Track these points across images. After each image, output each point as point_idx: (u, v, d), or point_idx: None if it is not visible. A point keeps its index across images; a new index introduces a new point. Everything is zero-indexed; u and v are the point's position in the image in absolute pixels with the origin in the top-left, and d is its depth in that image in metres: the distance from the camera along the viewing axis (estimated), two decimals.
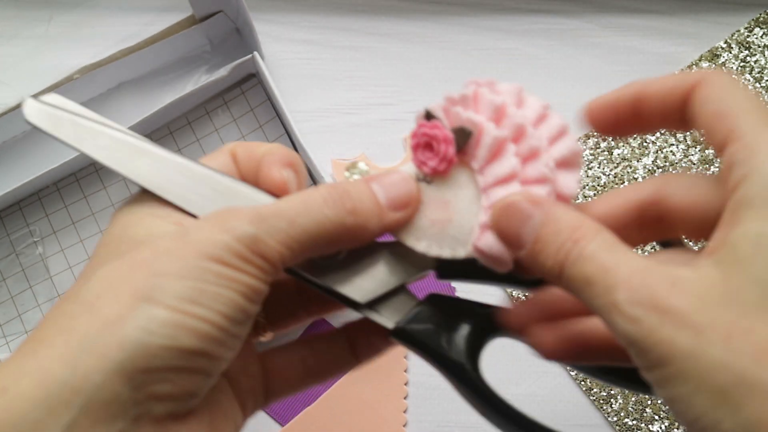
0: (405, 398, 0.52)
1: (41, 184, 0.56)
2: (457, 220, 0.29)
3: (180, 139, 0.57)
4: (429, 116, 0.29)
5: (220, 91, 0.58)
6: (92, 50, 0.57)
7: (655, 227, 0.29)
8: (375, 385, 0.52)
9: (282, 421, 0.52)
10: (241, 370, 0.30)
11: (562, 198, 0.29)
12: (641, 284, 0.22)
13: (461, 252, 0.29)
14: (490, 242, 0.28)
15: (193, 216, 0.29)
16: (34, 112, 0.29)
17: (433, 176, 0.30)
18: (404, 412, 0.52)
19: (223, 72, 0.55)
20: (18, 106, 0.54)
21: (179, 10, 0.57)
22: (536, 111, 0.29)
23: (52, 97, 0.29)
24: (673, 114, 0.28)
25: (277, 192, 0.30)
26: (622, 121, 0.30)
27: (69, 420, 0.22)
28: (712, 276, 0.22)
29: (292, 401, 0.52)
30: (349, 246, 0.29)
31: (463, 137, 0.28)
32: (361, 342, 0.34)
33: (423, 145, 0.29)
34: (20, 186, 0.54)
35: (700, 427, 0.21)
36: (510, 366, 0.51)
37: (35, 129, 0.29)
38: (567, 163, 0.29)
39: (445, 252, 0.29)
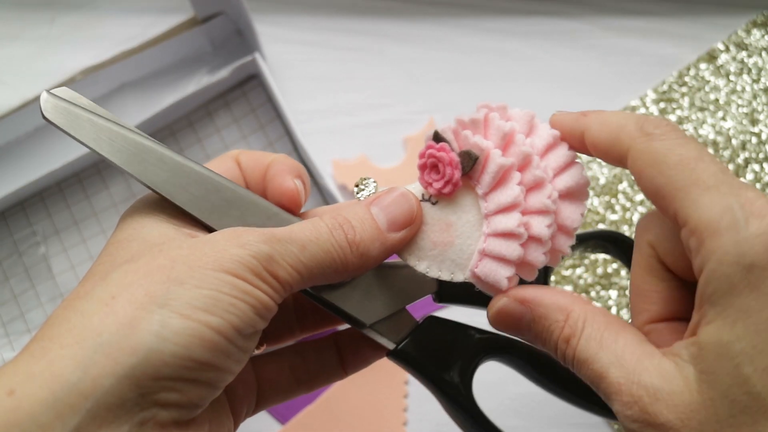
0: (405, 398, 0.52)
1: (44, 185, 0.56)
2: (458, 244, 0.29)
3: (182, 139, 0.58)
4: (438, 138, 0.29)
5: (222, 92, 0.58)
6: (94, 51, 0.57)
7: None
8: (375, 384, 0.52)
9: (282, 420, 0.52)
10: (237, 379, 0.30)
11: (564, 230, 0.29)
12: (631, 398, 0.25)
13: (460, 276, 0.30)
14: (486, 270, 0.29)
15: (204, 224, 0.29)
16: (50, 107, 0.28)
17: (439, 197, 0.30)
18: (404, 411, 0.52)
19: (224, 73, 0.56)
20: (20, 107, 0.54)
21: (181, 11, 0.58)
22: (545, 140, 0.29)
23: (65, 91, 0.29)
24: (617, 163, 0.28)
25: (287, 201, 0.31)
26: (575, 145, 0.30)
27: (76, 423, 0.22)
28: (691, 388, 0.24)
29: (293, 400, 0.52)
30: (355, 275, 0.29)
31: (470, 161, 0.28)
32: (350, 353, 0.34)
33: (430, 166, 0.29)
34: (23, 186, 0.54)
35: None
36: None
37: (51, 125, 0.28)
38: (572, 194, 0.29)
39: (444, 275, 0.30)
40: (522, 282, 0.29)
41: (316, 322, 0.35)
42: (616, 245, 0.36)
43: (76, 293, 0.26)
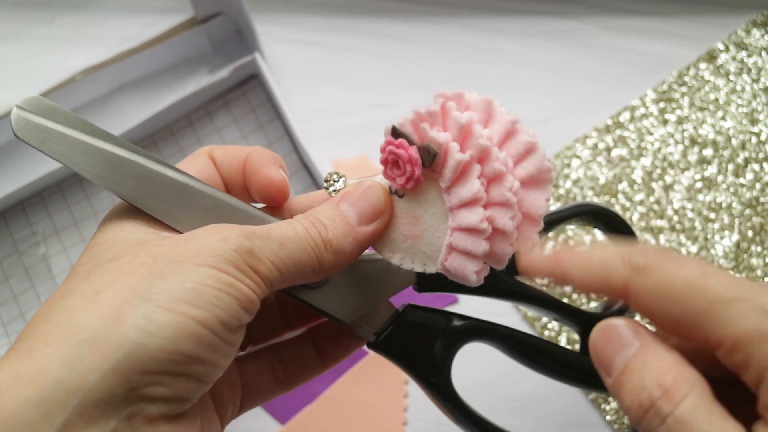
0: (405, 397, 0.52)
1: (44, 185, 0.56)
2: (426, 237, 0.29)
3: (182, 139, 0.58)
4: (396, 133, 0.29)
5: (222, 92, 0.58)
6: (94, 51, 0.57)
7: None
8: (375, 384, 0.52)
9: (282, 419, 0.52)
10: (222, 381, 0.30)
11: (530, 218, 0.29)
12: None
13: (432, 268, 0.30)
14: (455, 264, 0.29)
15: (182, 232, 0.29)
16: (22, 125, 0.27)
17: (404, 191, 0.30)
18: (404, 411, 0.52)
19: (224, 73, 0.56)
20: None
21: (181, 11, 0.58)
22: (504, 127, 0.29)
23: (39, 101, 0.28)
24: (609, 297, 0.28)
25: (275, 192, 0.31)
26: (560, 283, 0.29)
27: (63, 420, 0.22)
28: None
29: (292, 400, 0.52)
30: (331, 273, 0.29)
31: (429, 157, 0.28)
32: (329, 345, 0.34)
33: (391, 161, 0.29)
34: (23, 186, 0.54)
35: None
36: (508, 365, 0.51)
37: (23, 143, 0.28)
38: (534, 181, 0.29)
39: (417, 267, 0.30)
40: (493, 271, 0.29)
41: (300, 320, 0.35)
42: (606, 221, 0.36)
43: (60, 292, 0.26)
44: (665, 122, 0.58)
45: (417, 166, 0.28)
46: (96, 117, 0.58)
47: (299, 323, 0.35)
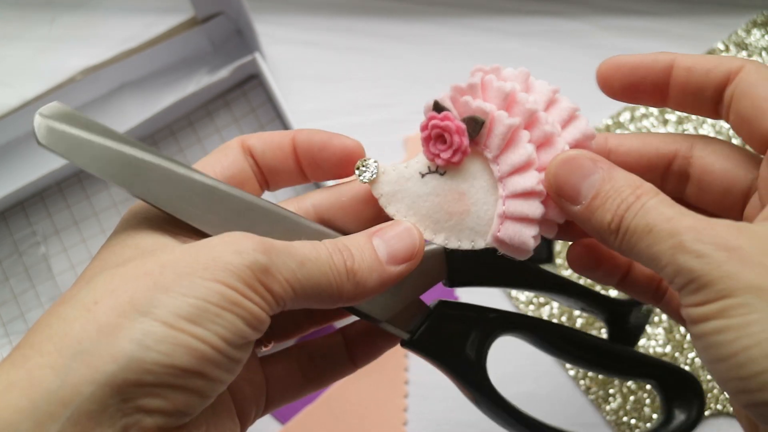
0: (405, 397, 0.52)
1: (44, 185, 0.56)
2: (474, 212, 0.29)
3: (182, 139, 0.58)
4: (438, 107, 0.29)
5: (222, 92, 0.58)
6: (94, 51, 0.57)
7: (676, 184, 0.29)
8: (375, 384, 0.52)
9: (282, 419, 0.52)
10: (245, 380, 0.30)
11: None
12: (707, 228, 0.24)
13: (481, 243, 0.29)
14: (510, 232, 0.28)
15: (207, 235, 0.28)
16: (45, 132, 0.26)
17: (447, 167, 0.29)
18: (404, 411, 0.52)
19: (224, 73, 0.56)
20: (20, 107, 0.54)
21: (181, 11, 0.58)
22: (546, 95, 0.29)
23: (58, 108, 0.27)
24: (705, 95, 0.28)
25: (357, 155, 0.30)
26: (643, 87, 0.30)
27: (56, 431, 0.22)
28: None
29: None
30: (348, 304, 0.28)
31: (476, 127, 0.28)
32: (360, 345, 0.34)
33: (435, 137, 0.29)
34: (23, 186, 0.54)
35: (756, 355, 0.22)
36: (510, 365, 0.51)
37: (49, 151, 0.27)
38: (580, 146, 0.29)
39: (465, 244, 0.29)
40: (520, 262, 0.29)
41: (325, 315, 0.34)
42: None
43: (62, 298, 0.25)
44: (665, 122, 0.58)
45: (464, 136, 0.28)
46: (96, 117, 0.57)
47: (325, 319, 0.34)
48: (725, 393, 0.24)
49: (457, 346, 0.31)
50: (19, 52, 0.61)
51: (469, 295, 0.53)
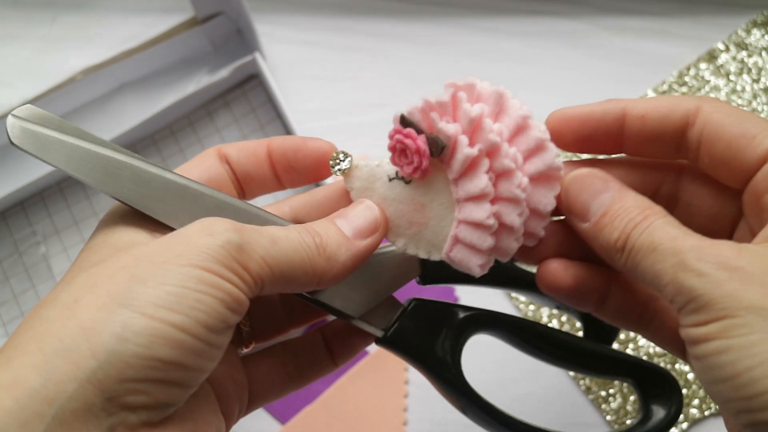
0: (405, 397, 0.52)
1: (44, 185, 0.56)
2: (432, 226, 0.29)
3: (182, 139, 0.58)
4: (405, 122, 0.29)
5: (222, 92, 0.58)
6: (94, 51, 0.57)
7: (664, 208, 0.30)
8: (375, 384, 0.52)
9: (282, 419, 0.52)
10: (227, 378, 0.30)
11: (537, 213, 0.29)
12: (709, 247, 0.24)
13: (437, 256, 0.30)
14: (460, 256, 0.29)
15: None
16: (18, 132, 0.27)
17: (411, 178, 0.30)
18: (404, 411, 0.52)
19: (224, 73, 0.56)
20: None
21: (181, 11, 0.58)
22: (515, 121, 0.29)
23: (30, 110, 0.28)
24: (664, 140, 0.28)
25: (325, 157, 0.31)
26: (596, 139, 0.30)
27: (43, 430, 0.22)
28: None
29: (293, 400, 0.52)
30: (324, 284, 0.28)
31: (437, 148, 0.28)
32: (338, 344, 0.34)
33: (399, 150, 0.29)
34: (23, 186, 0.54)
35: (759, 375, 0.22)
36: (509, 365, 0.51)
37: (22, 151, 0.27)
38: (543, 177, 0.29)
39: (422, 253, 0.30)
40: (497, 262, 0.30)
41: (305, 316, 0.35)
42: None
43: (44, 300, 0.25)
44: None
45: (425, 157, 0.28)
46: (96, 117, 0.58)
47: (304, 320, 0.35)
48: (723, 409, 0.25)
49: (429, 343, 0.32)
50: (20, 52, 0.61)
51: (469, 295, 0.53)
